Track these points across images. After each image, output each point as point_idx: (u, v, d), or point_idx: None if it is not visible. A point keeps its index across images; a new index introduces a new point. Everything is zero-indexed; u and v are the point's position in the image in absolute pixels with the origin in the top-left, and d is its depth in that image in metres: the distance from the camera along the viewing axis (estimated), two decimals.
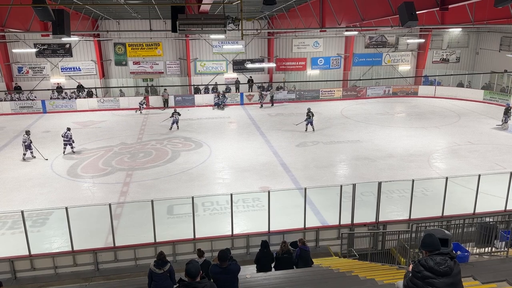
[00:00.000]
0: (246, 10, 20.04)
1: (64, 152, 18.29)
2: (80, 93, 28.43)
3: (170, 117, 22.59)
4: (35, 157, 17.65)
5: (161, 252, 7.03)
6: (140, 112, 26.93)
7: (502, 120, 21.86)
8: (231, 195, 10.48)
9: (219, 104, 28.06)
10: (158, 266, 6.74)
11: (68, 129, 18.50)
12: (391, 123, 23.60)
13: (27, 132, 17.80)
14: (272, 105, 28.80)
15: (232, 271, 5.98)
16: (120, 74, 30.33)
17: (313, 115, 21.66)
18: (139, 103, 27.03)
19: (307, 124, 21.61)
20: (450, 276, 3.65)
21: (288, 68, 31.86)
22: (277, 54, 31.37)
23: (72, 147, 18.44)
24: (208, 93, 29.23)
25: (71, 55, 29.15)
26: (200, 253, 8.06)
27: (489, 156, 17.49)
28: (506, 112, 21.79)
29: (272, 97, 29.05)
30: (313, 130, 21.59)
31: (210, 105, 28.40)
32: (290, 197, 12.60)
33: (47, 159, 17.64)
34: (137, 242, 10.40)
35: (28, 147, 17.56)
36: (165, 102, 28.18)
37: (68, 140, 18.26)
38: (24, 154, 17.56)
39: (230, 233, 10.63)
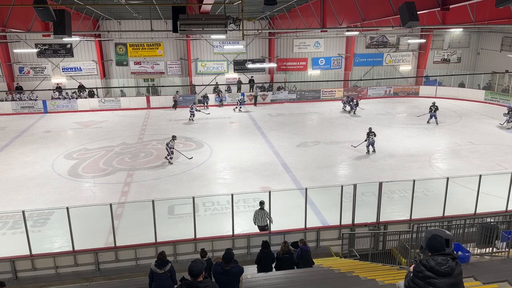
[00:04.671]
0: (247, 10, 20.06)
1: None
2: (81, 93, 28.46)
3: (365, 141, 18.05)
4: (172, 163, 16.96)
5: (162, 252, 7.02)
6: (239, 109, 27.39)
7: (506, 120, 21.90)
8: (232, 195, 10.47)
9: (220, 102, 28.33)
10: (158, 266, 6.74)
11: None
12: (392, 123, 23.59)
13: (174, 137, 17.28)
14: (255, 105, 28.79)
15: (234, 274, 5.95)
16: (121, 74, 30.35)
17: (437, 109, 22.85)
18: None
19: (431, 118, 22.91)
20: (451, 277, 3.64)
21: (289, 68, 31.85)
22: (278, 54, 31.37)
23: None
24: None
25: (72, 55, 29.17)
26: (203, 253, 8.06)
27: (490, 157, 17.47)
28: (509, 112, 21.82)
29: (255, 97, 29.00)
30: (437, 123, 22.73)
31: (214, 105, 28.39)
32: (291, 197, 12.59)
33: (191, 158, 17.44)
34: (138, 242, 10.40)
35: (171, 152, 16.97)
36: (175, 103, 28.16)
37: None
38: (171, 158, 17.00)
39: (231, 233, 10.62)
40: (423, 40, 31.41)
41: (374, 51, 32.68)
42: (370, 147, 18.05)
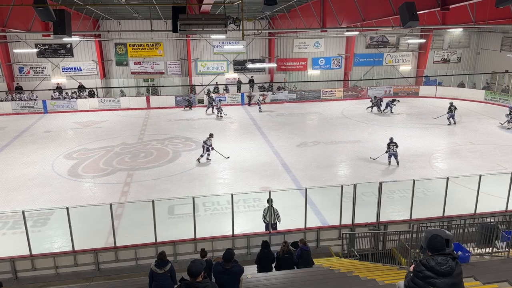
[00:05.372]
0: (247, 10, 20.05)
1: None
2: (81, 93, 28.46)
3: (386, 152, 16.71)
4: (210, 159, 17.18)
5: (162, 252, 7.02)
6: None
7: (507, 121, 21.91)
8: (232, 195, 10.47)
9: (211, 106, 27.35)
10: (158, 266, 6.74)
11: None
12: (392, 123, 23.58)
13: (211, 135, 17.36)
14: (249, 105, 28.82)
15: (234, 274, 5.96)
16: (121, 74, 30.35)
17: (455, 108, 22.74)
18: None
19: (448, 118, 22.75)
20: (451, 277, 3.65)
21: (289, 68, 31.85)
22: (278, 54, 31.37)
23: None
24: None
25: (72, 55, 29.17)
26: (203, 253, 8.05)
27: (490, 156, 17.47)
28: (511, 113, 21.82)
29: (250, 98, 28.99)
30: (455, 123, 22.67)
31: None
32: (291, 197, 12.58)
33: (228, 157, 17.45)
34: (138, 242, 10.40)
35: (208, 149, 16.99)
36: (190, 103, 28.14)
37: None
38: (202, 156, 17.03)
39: (231, 233, 10.62)
40: (423, 40, 31.41)
41: (374, 51, 32.68)
42: (392, 158, 16.55)
